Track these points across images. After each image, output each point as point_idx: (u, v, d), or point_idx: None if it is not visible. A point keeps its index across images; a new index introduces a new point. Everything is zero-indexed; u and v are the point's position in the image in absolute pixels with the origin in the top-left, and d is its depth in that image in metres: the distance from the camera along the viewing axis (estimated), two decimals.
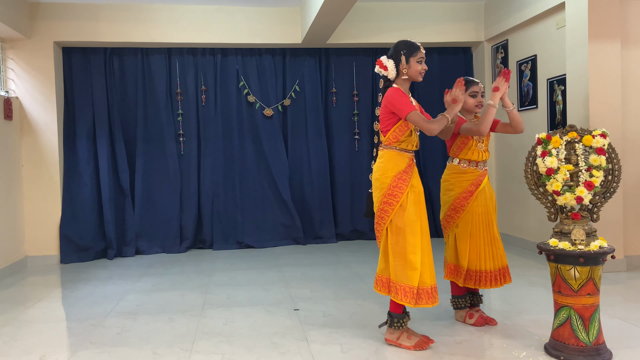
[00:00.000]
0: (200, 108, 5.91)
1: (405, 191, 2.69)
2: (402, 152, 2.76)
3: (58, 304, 3.93)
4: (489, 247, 3.03)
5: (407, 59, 2.74)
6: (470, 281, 3.04)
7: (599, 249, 2.51)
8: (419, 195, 2.74)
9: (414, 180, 2.75)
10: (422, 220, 2.72)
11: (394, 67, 2.77)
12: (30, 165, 5.32)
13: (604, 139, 2.58)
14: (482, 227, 3.03)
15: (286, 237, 6.03)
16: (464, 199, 3.02)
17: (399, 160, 2.74)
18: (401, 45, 2.79)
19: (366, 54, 6.19)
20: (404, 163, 2.74)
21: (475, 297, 3.19)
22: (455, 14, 5.92)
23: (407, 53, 2.74)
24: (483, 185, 3.03)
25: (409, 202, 2.69)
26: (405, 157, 2.75)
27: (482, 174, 3.05)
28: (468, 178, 3.03)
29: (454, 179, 3.07)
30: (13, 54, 5.25)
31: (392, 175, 2.72)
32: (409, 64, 2.74)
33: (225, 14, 5.63)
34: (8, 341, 3.08)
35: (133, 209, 5.72)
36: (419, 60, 2.74)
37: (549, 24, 4.91)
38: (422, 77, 2.79)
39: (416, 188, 2.74)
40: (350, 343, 2.89)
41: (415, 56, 2.74)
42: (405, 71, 2.74)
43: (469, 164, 3.03)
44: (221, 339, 3.01)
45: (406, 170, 2.73)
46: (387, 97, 2.76)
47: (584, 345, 2.51)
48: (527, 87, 5.31)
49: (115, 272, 4.87)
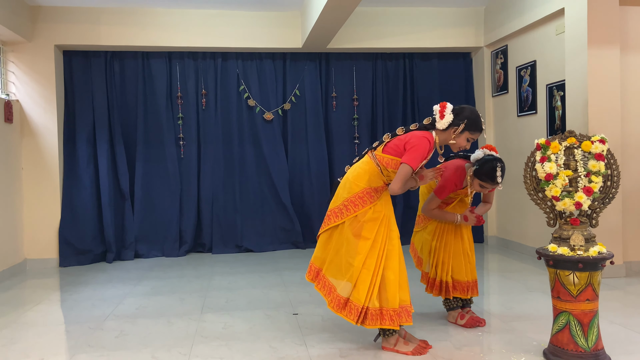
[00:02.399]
0: (201, 112, 5.92)
1: (366, 208, 2.70)
2: (383, 178, 2.77)
3: (57, 307, 3.92)
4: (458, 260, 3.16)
5: (463, 130, 2.73)
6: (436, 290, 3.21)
7: (598, 255, 2.51)
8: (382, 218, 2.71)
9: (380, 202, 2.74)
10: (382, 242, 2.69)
11: (448, 125, 2.73)
12: (30, 168, 5.32)
13: (602, 145, 2.59)
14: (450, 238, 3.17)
15: (286, 241, 6.03)
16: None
17: (376, 179, 2.75)
18: (471, 116, 2.74)
19: (366, 58, 6.20)
20: (378, 183, 2.76)
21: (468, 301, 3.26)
22: (455, 20, 5.95)
23: (467, 126, 2.73)
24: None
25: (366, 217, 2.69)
26: (381, 180, 2.76)
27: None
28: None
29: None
30: (14, 57, 5.26)
31: (363, 186, 2.73)
32: (461, 135, 2.74)
33: (226, 18, 5.65)
34: (7, 344, 3.08)
35: (132, 213, 5.72)
36: (469, 139, 2.74)
37: (548, 29, 4.93)
38: (455, 150, 2.80)
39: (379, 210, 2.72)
40: (349, 348, 2.89)
41: (471, 134, 2.73)
42: (452, 136, 2.74)
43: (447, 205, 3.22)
44: (220, 343, 3.01)
45: (377, 189, 2.75)
46: (416, 137, 2.70)
47: (583, 351, 2.51)
48: (526, 92, 5.32)
49: (114, 276, 4.87)
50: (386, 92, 6.26)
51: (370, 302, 2.67)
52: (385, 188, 2.78)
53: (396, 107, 6.25)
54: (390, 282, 2.68)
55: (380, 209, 2.73)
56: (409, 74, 6.27)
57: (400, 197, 6.17)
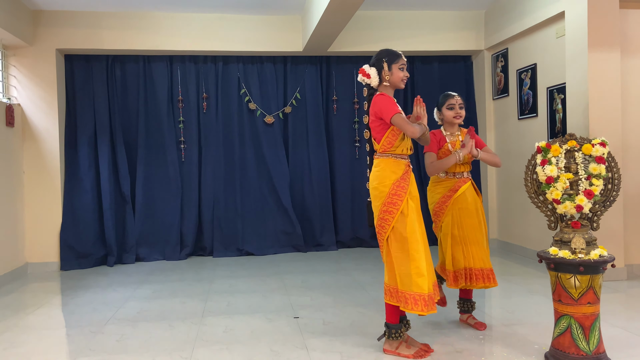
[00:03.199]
0: (202, 115, 5.93)
1: (404, 198, 2.70)
2: (398, 159, 2.77)
3: (58, 310, 3.92)
4: (474, 247, 3.14)
5: (389, 66, 2.80)
6: (461, 281, 3.13)
7: (599, 258, 2.51)
8: (417, 201, 2.76)
9: (411, 187, 2.76)
10: (422, 227, 2.76)
11: (377, 75, 2.82)
12: (32, 172, 5.33)
13: (603, 148, 2.59)
14: (466, 227, 3.15)
15: (287, 245, 6.03)
16: (442, 203, 3.20)
17: (396, 167, 2.75)
18: (383, 53, 2.84)
19: (367, 62, 6.19)
20: (400, 170, 2.75)
21: (467, 303, 3.28)
22: (455, 23, 5.96)
23: (389, 60, 2.80)
24: (462, 191, 3.17)
25: (410, 209, 2.70)
26: (401, 163, 2.77)
27: (461, 180, 3.20)
28: (447, 185, 3.21)
29: (435, 187, 3.26)
30: (15, 61, 5.28)
31: (389, 184, 2.72)
32: (391, 71, 2.79)
33: (227, 22, 5.67)
34: (8, 347, 3.08)
35: (133, 216, 5.72)
36: (400, 67, 2.80)
37: (548, 33, 4.94)
38: (404, 84, 2.85)
39: (414, 195, 2.75)
40: (350, 351, 2.89)
41: (397, 63, 2.79)
42: (387, 78, 2.79)
43: (447, 174, 3.21)
44: (221, 347, 3.00)
45: (403, 177, 2.74)
46: (374, 104, 2.78)
47: (585, 355, 2.51)
48: (527, 95, 5.32)
49: (115, 279, 4.87)
50: None
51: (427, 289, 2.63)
52: (408, 170, 2.78)
53: None
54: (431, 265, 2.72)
55: (415, 194, 2.77)
56: (409, 77, 6.26)
57: None
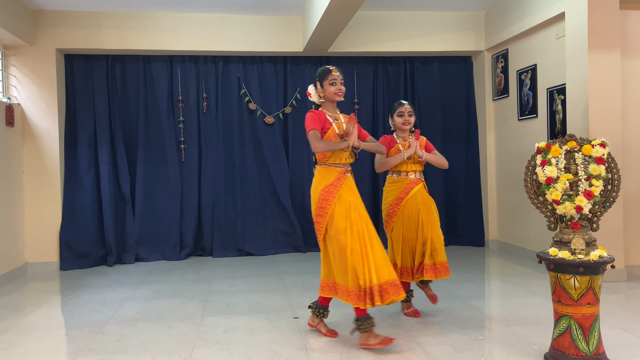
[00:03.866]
0: (202, 115, 5.93)
1: (332, 202, 2.91)
2: (331, 167, 3.00)
3: (57, 310, 3.92)
4: (422, 247, 3.39)
5: (321, 84, 3.03)
6: (408, 276, 3.43)
7: (599, 259, 2.51)
8: (351, 205, 2.92)
9: (343, 191, 2.94)
10: (359, 225, 2.89)
11: (315, 93, 3.07)
12: (31, 172, 5.33)
13: (603, 149, 2.59)
14: (413, 229, 3.40)
15: (286, 245, 6.03)
16: (395, 205, 3.43)
17: (327, 175, 2.99)
18: (317, 72, 3.10)
19: (367, 62, 6.22)
20: (332, 177, 2.98)
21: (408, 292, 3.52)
22: (455, 24, 5.96)
23: (320, 78, 3.04)
24: (412, 193, 3.41)
25: (337, 213, 2.90)
26: (334, 171, 2.99)
27: (413, 182, 3.43)
28: (399, 186, 3.44)
29: (389, 187, 3.50)
30: (15, 60, 5.28)
31: (319, 190, 2.97)
32: (324, 88, 3.02)
33: (227, 22, 5.67)
34: (7, 348, 3.07)
35: (133, 216, 5.72)
36: (331, 83, 3.00)
37: (549, 33, 4.94)
38: (341, 96, 3.04)
39: (345, 199, 2.92)
40: (349, 351, 2.88)
41: (327, 80, 3.01)
42: (322, 95, 3.04)
43: (399, 174, 3.45)
44: (220, 347, 3.00)
45: (334, 184, 2.96)
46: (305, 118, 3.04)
47: (584, 355, 2.51)
48: (527, 96, 5.33)
49: (114, 279, 4.87)
50: (387, 96, 6.26)
51: (370, 282, 2.80)
52: (340, 176, 2.98)
53: None
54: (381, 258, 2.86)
55: (345, 198, 2.93)
56: (409, 77, 6.28)
57: None
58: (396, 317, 3.46)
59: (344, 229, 2.87)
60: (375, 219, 6.12)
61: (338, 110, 3.13)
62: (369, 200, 6.06)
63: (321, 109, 3.07)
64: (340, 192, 2.93)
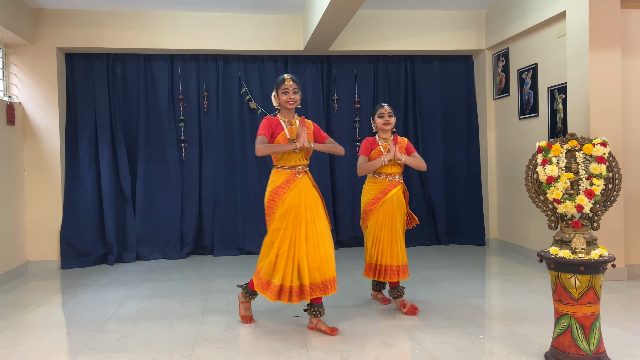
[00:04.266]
0: (202, 114, 5.93)
1: (278, 204, 3.16)
2: (282, 170, 3.20)
3: (58, 309, 3.92)
4: (389, 246, 3.56)
5: (276, 92, 3.26)
6: (371, 273, 3.61)
7: (600, 258, 2.51)
8: (290, 208, 3.13)
9: (289, 195, 3.15)
10: (294, 229, 3.11)
11: (274, 99, 3.30)
12: (32, 170, 5.33)
13: (604, 148, 2.59)
14: (385, 229, 3.56)
15: None
16: (372, 204, 3.59)
17: (277, 177, 3.21)
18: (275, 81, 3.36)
19: (368, 61, 6.21)
20: (281, 179, 3.19)
21: (397, 289, 3.62)
22: (456, 23, 5.95)
23: (276, 87, 3.26)
24: (390, 195, 3.57)
25: (277, 214, 3.15)
26: (284, 173, 3.19)
27: (392, 184, 3.60)
28: (378, 187, 3.61)
29: (369, 186, 3.66)
30: (16, 59, 5.28)
31: (269, 191, 3.21)
32: (278, 96, 3.25)
33: (228, 21, 5.66)
34: (8, 346, 3.08)
35: (134, 215, 5.73)
36: (283, 92, 3.22)
37: (549, 32, 4.93)
38: (291, 105, 3.23)
39: (289, 202, 3.13)
40: (350, 350, 2.89)
41: (280, 88, 3.23)
42: (276, 103, 3.28)
43: (380, 175, 3.61)
44: (221, 346, 3.01)
45: (282, 186, 3.17)
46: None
47: (585, 354, 2.51)
48: (527, 95, 5.32)
49: (115, 278, 4.87)
50: (388, 94, 6.26)
51: (292, 282, 3.08)
52: (290, 178, 3.17)
53: (398, 110, 6.25)
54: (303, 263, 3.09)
55: (289, 202, 3.14)
56: (410, 76, 6.28)
57: None
58: (397, 316, 3.46)
59: (278, 229, 3.13)
60: None
61: (296, 115, 3.33)
62: None
63: (278, 115, 3.29)
64: (287, 195, 3.14)
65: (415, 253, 5.80)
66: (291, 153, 3.16)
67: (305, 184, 3.19)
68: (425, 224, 6.26)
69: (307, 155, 3.25)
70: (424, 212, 6.23)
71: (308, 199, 3.15)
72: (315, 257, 3.09)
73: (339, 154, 3.36)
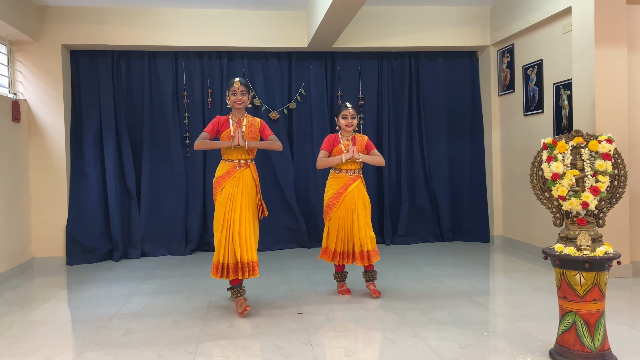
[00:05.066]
0: (207, 111, 5.93)
1: (217, 192, 3.59)
2: (226, 162, 3.63)
3: (64, 305, 3.95)
4: (353, 234, 3.84)
5: (227, 93, 3.65)
6: (337, 259, 3.90)
7: (605, 255, 2.50)
8: (227, 195, 3.54)
9: (228, 184, 3.56)
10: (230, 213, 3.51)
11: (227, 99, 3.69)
12: (38, 167, 5.36)
13: (610, 144, 2.57)
14: (349, 220, 3.85)
15: (291, 241, 6.04)
16: (334, 199, 3.87)
17: (221, 168, 3.64)
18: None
19: (372, 57, 6.20)
20: (223, 170, 3.62)
21: (369, 273, 3.93)
22: (461, 18, 5.93)
23: (227, 89, 3.65)
24: (351, 189, 3.85)
25: (218, 201, 3.57)
26: (226, 165, 3.62)
27: (352, 179, 3.87)
28: (339, 182, 3.88)
29: (331, 182, 3.94)
30: (21, 56, 5.30)
31: (214, 180, 3.64)
32: (228, 97, 3.65)
33: (232, 18, 5.66)
34: (14, 342, 3.10)
35: (139, 211, 5.75)
36: (232, 93, 3.61)
37: (555, 28, 4.91)
38: (239, 105, 3.62)
39: (226, 190, 3.55)
40: (354, 347, 2.89)
41: (230, 90, 3.62)
42: (228, 103, 3.68)
43: (340, 171, 3.89)
44: (225, 342, 3.02)
45: (223, 176, 3.60)
46: None
47: (589, 351, 2.50)
48: (533, 91, 5.30)
49: (120, 274, 4.89)
50: (392, 91, 6.25)
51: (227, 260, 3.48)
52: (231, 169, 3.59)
53: (402, 106, 6.25)
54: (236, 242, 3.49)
55: (227, 190, 3.56)
56: (414, 73, 6.26)
57: (406, 197, 6.18)
58: (400, 312, 3.47)
59: (220, 214, 3.53)
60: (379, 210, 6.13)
61: (245, 114, 3.70)
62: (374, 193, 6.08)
63: (219, 116, 3.72)
64: (226, 183, 3.56)
65: (419, 250, 5.80)
66: (235, 148, 3.57)
67: (246, 176, 3.60)
68: (429, 221, 6.26)
69: (250, 151, 3.65)
70: (428, 209, 6.23)
71: (245, 189, 3.57)
72: (243, 240, 3.51)
73: (277, 150, 3.73)
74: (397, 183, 6.25)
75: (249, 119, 3.70)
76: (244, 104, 3.63)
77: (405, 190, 6.20)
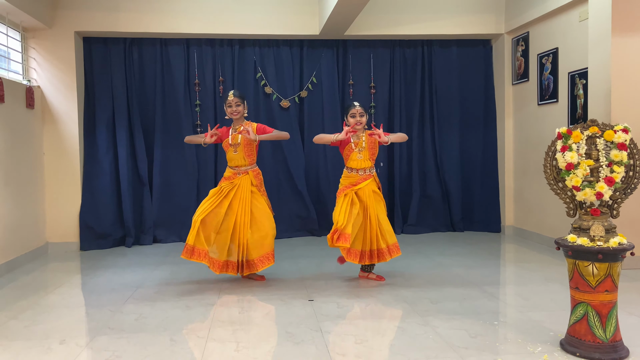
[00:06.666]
0: (218, 99, 5.94)
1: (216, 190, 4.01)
2: (229, 168, 4.07)
3: (78, 290, 4.01)
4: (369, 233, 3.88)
5: (225, 106, 4.07)
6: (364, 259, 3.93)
7: (618, 246, 2.48)
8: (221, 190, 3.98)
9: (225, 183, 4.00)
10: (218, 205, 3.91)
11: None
12: (51, 154, 5.41)
13: (625, 134, 2.54)
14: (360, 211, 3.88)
15: (301, 229, 6.05)
16: (347, 187, 3.94)
17: (226, 173, 4.09)
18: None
19: (384, 46, 6.15)
20: (228, 174, 4.06)
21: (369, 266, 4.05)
22: (475, 6, 5.85)
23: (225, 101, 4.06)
24: (361, 186, 3.90)
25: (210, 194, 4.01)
26: (229, 171, 4.06)
27: (363, 177, 3.93)
28: (351, 181, 3.96)
29: (342, 180, 4.04)
30: (35, 43, 5.33)
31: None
32: (226, 109, 4.06)
33: (244, 5, 5.64)
34: (29, 325, 3.16)
35: (151, 198, 5.79)
36: (228, 105, 4.02)
37: (571, 16, 4.83)
38: (235, 116, 4.01)
39: (224, 189, 3.98)
40: (364, 334, 2.91)
41: (226, 103, 4.04)
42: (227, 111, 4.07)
43: (351, 170, 3.97)
44: (237, 328, 3.05)
45: (224, 179, 4.07)
46: None
47: (601, 342, 2.49)
48: (547, 80, 5.23)
49: (133, 260, 4.95)
50: (404, 79, 6.21)
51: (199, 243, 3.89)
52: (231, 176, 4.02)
53: (414, 95, 6.20)
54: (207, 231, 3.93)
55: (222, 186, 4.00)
56: (427, 61, 6.20)
57: (417, 187, 6.17)
58: (410, 301, 3.47)
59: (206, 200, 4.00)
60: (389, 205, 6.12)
61: (242, 122, 4.07)
62: (385, 182, 6.09)
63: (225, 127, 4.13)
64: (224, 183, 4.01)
65: (430, 239, 5.79)
66: (232, 155, 4.01)
67: (244, 182, 3.99)
68: (440, 210, 6.24)
69: (246, 157, 3.99)
70: (439, 198, 6.21)
71: (240, 194, 3.96)
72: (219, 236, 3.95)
73: (284, 138, 4.18)
74: (408, 172, 6.23)
75: (246, 124, 4.08)
76: (240, 114, 4.02)
77: (417, 179, 6.18)
